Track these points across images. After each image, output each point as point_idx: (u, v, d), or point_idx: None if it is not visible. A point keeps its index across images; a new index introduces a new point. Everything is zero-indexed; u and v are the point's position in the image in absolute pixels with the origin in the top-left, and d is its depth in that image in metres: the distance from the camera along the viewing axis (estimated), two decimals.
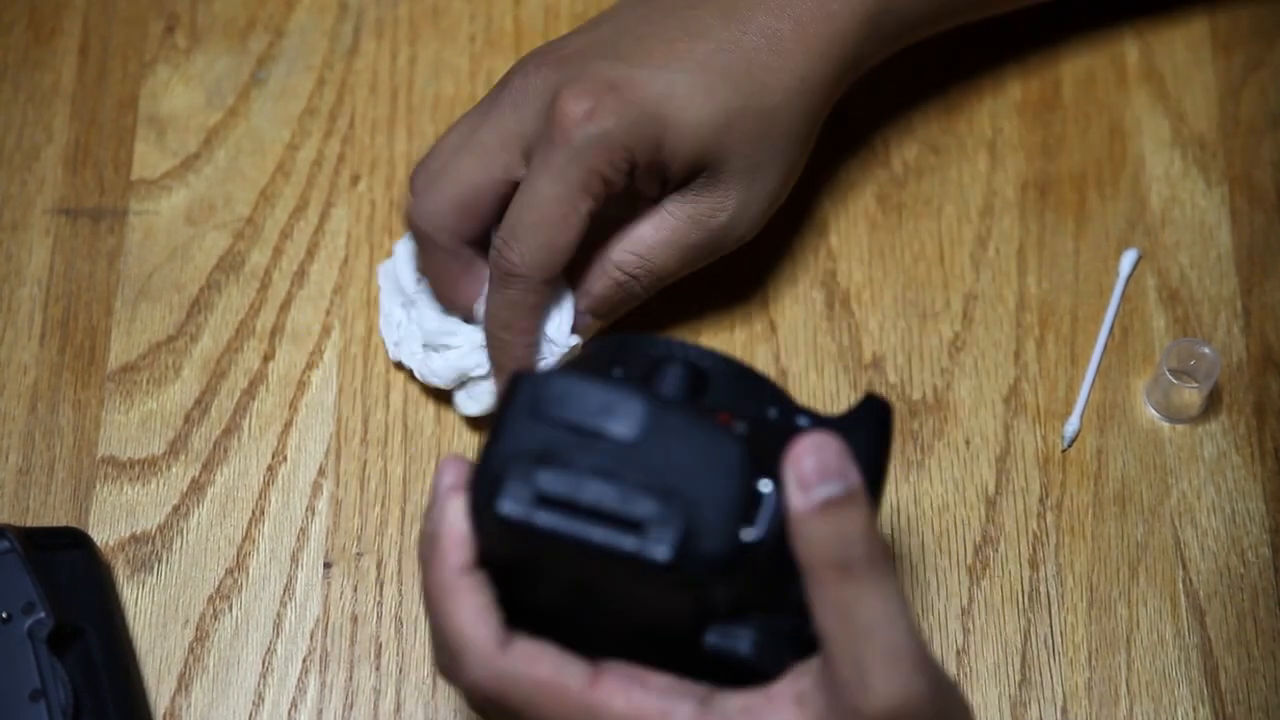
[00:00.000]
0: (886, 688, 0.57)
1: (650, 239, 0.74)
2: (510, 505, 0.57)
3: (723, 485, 0.57)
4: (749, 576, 0.58)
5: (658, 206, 0.74)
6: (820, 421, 0.62)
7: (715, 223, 0.74)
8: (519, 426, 0.58)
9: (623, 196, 0.74)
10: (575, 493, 0.57)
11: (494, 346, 0.74)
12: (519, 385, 0.59)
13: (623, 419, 0.58)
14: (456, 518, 0.60)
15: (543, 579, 0.60)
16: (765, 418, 0.61)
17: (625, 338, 0.63)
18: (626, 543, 0.56)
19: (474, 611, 0.60)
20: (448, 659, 0.61)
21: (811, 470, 0.57)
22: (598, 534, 0.57)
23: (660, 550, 0.56)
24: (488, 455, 0.58)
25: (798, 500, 0.57)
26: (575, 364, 0.63)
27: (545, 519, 0.57)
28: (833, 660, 0.57)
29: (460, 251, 0.74)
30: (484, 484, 0.58)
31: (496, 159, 0.72)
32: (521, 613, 0.60)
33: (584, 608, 0.60)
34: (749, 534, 0.58)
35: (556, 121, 0.70)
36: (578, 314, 0.75)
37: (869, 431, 0.63)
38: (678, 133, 0.72)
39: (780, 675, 0.59)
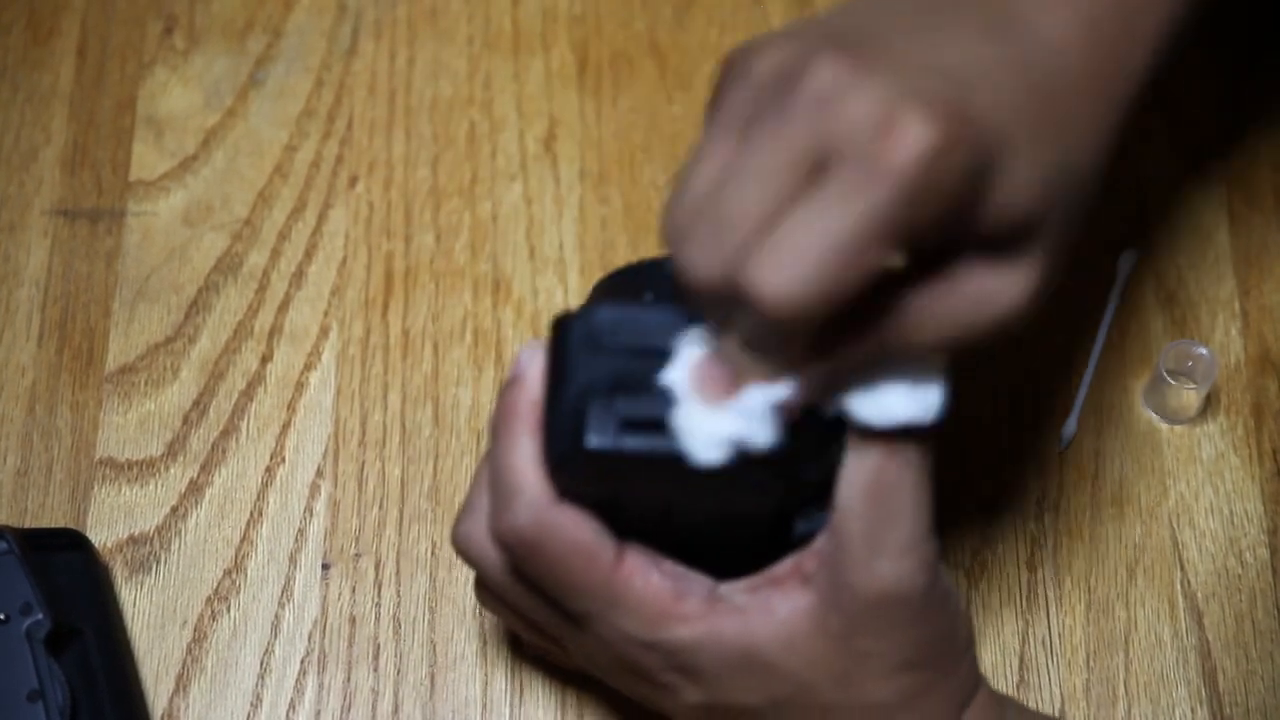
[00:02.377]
0: (890, 572, 0.59)
1: (920, 307, 0.55)
2: (597, 438, 0.57)
3: None
4: (830, 454, 0.59)
5: (937, 269, 0.55)
6: None
7: (1003, 307, 0.55)
8: (581, 363, 0.58)
9: None
10: (657, 410, 0.57)
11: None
12: (567, 327, 0.59)
13: (684, 330, 0.57)
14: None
15: (623, 512, 0.60)
16: None
17: (641, 265, 0.63)
18: None
19: (534, 454, 0.59)
20: (494, 500, 0.60)
21: None
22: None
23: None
24: (558, 398, 0.58)
25: None
26: (605, 297, 0.63)
27: (634, 442, 0.57)
28: (848, 536, 0.58)
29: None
30: (564, 425, 0.58)
31: (780, 182, 0.52)
32: None
33: (661, 530, 0.60)
34: (830, 410, 0.58)
35: (890, 148, 0.51)
36: (804, 388, 0.56)
37: None
38: (1011, 184, 0.54)
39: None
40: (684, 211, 0.54)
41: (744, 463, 0.56)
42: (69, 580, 0.72)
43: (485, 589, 0.66)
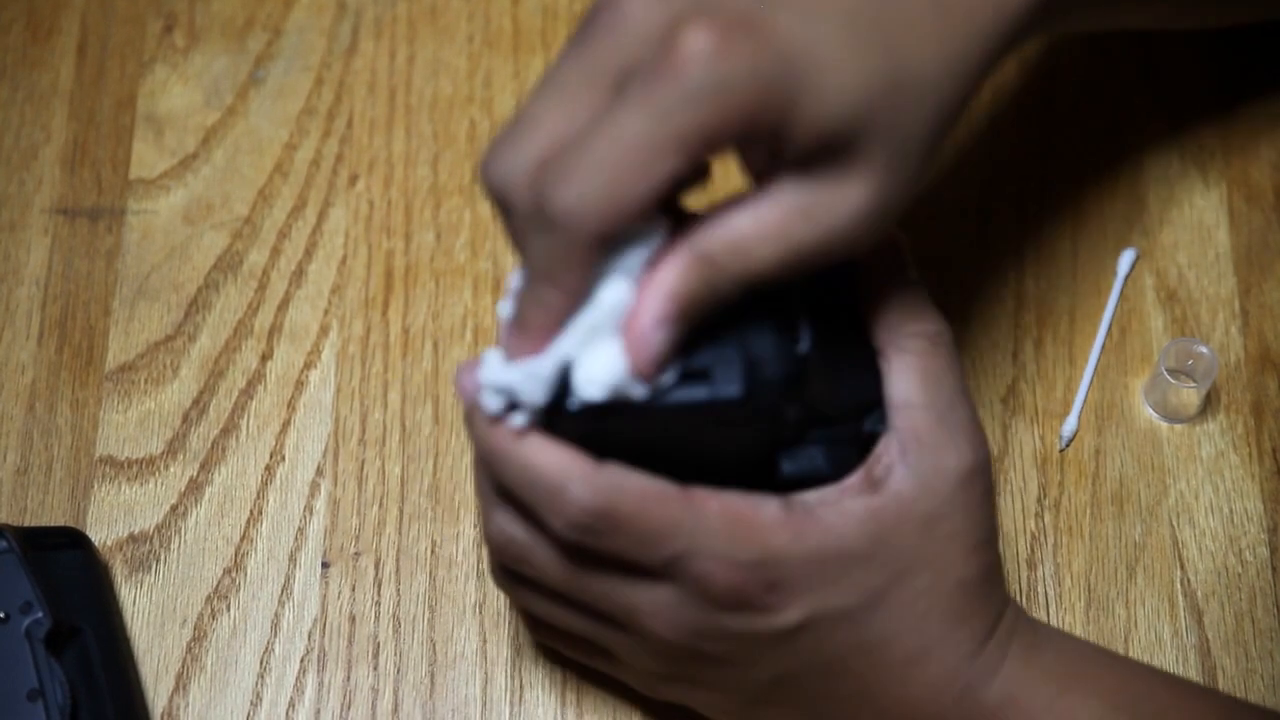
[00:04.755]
0: (971, 446, 0.63)
1: (748, 226, 0.57)
2: (582, 397, 0.58)
3: (761, 312, 0.60)
4: (808, 390, 0.61)
5: (762, 188, 0.57)
6: None
7: (833, 220, 0.57)
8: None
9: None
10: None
11: (528, 303, 0.58)
12: None
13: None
14: None
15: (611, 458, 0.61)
16: None
17: None
18: (699, 393, 0.59)
19: (557, 444, 0.60)
20: (538, 507, 0.61)
21: (889, 263, 0.63)
22: (670, 394, 0.59)
23: (732, 388, 0.59)
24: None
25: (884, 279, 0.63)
26: None
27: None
28: (922, 426, 0.62)
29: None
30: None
31: (582, 98, 0.56)
32: None
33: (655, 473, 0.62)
34: (801, 347, 0.60)
35: (671, 53, 0.54)
36: (645, 322, 0.57)
37: None
38: (818, 96, 0.55)
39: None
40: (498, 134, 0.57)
41: (721, 404, 0.59)
42: (69, 579, 0.72)
43: (540, 598, 0.66)
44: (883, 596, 0.62)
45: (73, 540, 0.74)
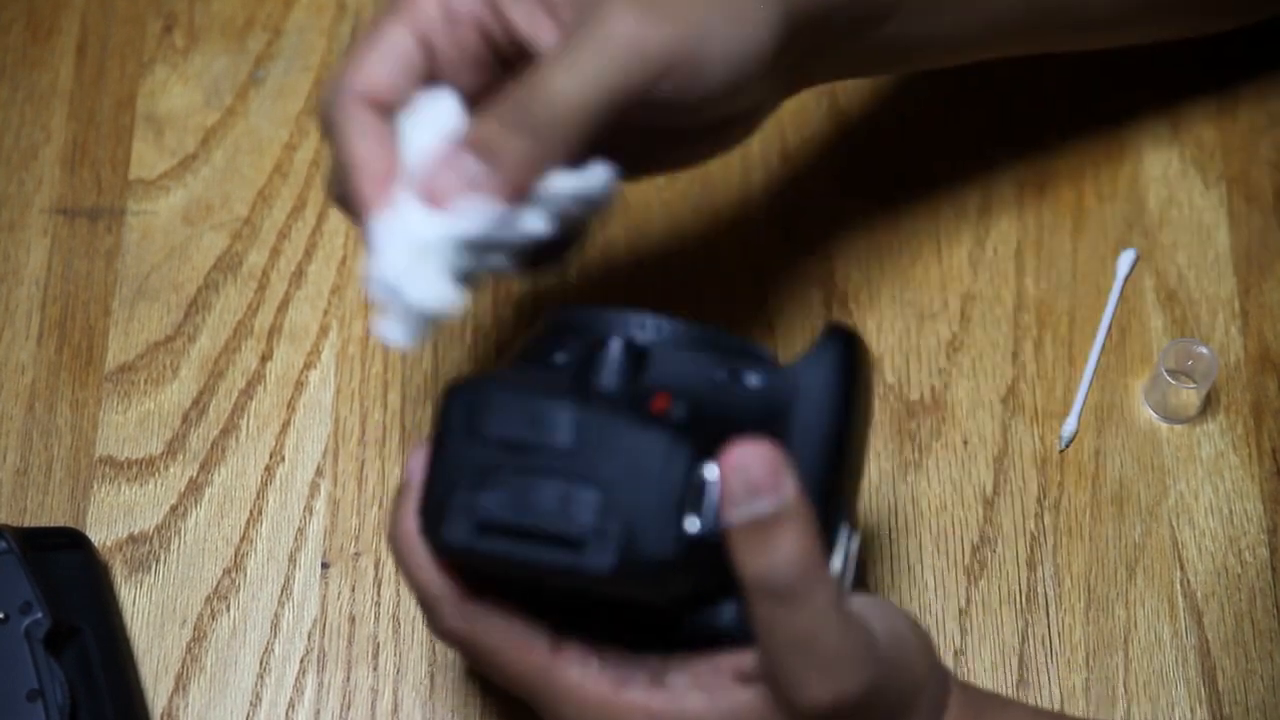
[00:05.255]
0: (820, 692, 0.57)
1: (544, 65, 0.60)
2: (453, 534, 0.58)
3: (658, 482, 0.57)
4: (708, 561, 0.57)
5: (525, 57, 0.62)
6: (774, 372, 0.60)
7: (617, 39, 0.59)
8: (457, 447, 0.58)
9: None
10: (513, 516, 0.57)
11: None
12: (453, 399, 0.59)
13: (556, 428, 0.57)
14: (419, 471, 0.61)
15: (509, 580, 0.60)
16: (713, 384, 0.60)
17: (569, 314, 0.62)
18: (568, 558, 0.56)
19: (435, 566, 0.60)
20: (425, 611, 0.62)
21: (739, 487, 0.56)
22: (541, 553, 0.57)
23: (603, 561, 0.56)
24: (432, 478, 0.59)
25: (727, 516, 0.57)
26: (516, 353, 0.63)
27: (488, 545, 0.57)
28: (769, 664, 0.58)
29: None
30: (430, 511, 0.59)
31: None
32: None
33: (553, 602, 0.60)
34: (693, 525, 0.57)
35: None
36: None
37: (831, 368, 0.61)
38: None
39: None
40: None
41: (591, 577, 0.56)
42: (68, 579, 0.72)
43: None
44: None
45: (72, 540, 0.74)
